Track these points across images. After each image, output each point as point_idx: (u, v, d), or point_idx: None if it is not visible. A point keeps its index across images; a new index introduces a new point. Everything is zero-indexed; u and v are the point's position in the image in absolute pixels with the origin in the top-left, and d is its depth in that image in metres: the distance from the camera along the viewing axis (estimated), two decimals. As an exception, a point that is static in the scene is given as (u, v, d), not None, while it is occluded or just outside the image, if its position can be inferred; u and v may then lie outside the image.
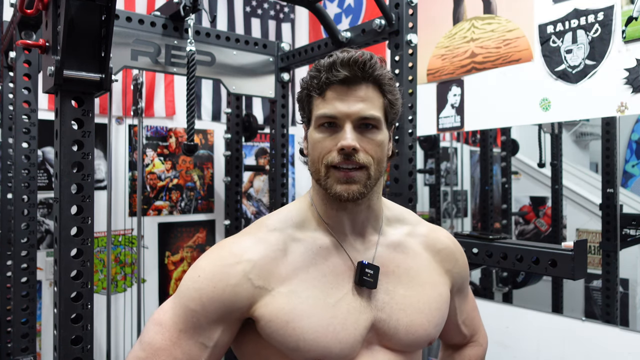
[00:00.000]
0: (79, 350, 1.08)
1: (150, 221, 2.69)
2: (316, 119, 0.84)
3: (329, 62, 0.82)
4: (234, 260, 0.81)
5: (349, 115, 0.81)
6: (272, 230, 0.86)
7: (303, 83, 0.86)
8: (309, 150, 0.87)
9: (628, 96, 1.69)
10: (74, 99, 1.07)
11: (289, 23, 3.25)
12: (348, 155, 0.80)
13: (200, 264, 0.84)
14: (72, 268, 1.08)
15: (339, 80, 0.81)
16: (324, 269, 0.85)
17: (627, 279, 1.75)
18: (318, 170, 0.84)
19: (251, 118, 2.57)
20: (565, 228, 2.01)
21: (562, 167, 2.03)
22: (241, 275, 0.80)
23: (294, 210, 0.90)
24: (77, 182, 1.08)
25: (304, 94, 0.86)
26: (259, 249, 0.83)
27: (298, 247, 0.85)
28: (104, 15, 1.03)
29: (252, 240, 0.85)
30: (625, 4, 1.70)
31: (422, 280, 0.92)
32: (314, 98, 0.85)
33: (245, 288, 0.80)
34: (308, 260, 0.85)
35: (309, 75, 0.85)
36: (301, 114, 0.90)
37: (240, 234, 0.89)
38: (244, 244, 0.85)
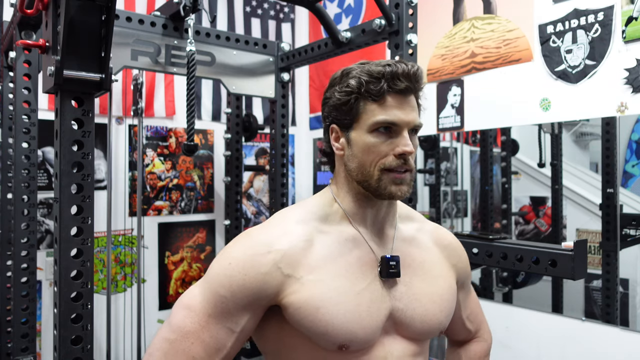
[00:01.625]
0: (79, 350, 1.08)
1: (150, 221, 2.69)
2: (373, 123, 0.87)
3: (390, 71, 0.86)
4: (265, 250, 0.85)
5: (408, 123, 0.87)
6: (298, 223, 0.90)
7: (350, 87, 0.88)
8: (357, 152, 0.89)
9: (628, 96, 1.69)
10: (74, 99, 1.07)
11: (289, 23, 3.25)
12: (405, 160, 0.87)
13: (231, 251, 0.87)
14: (72, 268, 1.08)
15: (399, 90, 0.87)
16: (350, 259, 0.90)
17: (627, 279, 1.75)
18: (369, 173, 0.88)
19: (251, 118, 2.57)
20: (565, 228, 2.01)
21: (562, 167, 2.03)
22: (271, 264, 0.84)
23: (316, 205, 0.94)
24: (77, 182, 1.08)
25: (352, 98, 0.88)
26: (288, 239, 0.87)
27: (325, 238, 0.90)
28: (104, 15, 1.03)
29: (280, 231, 0.89)
30: (625, 4, 1.70)
31: (435, 273, 0.98)
32: (367, 103, 0.88)
33: (275, 277, 0.84)
34: (335, 251, 0.89)
35: (361, 80, 0.87)
36: (337, 115, 0.91)
37: (267, 225, 0.92)
38: (272, 234, 0.88)
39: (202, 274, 2.85)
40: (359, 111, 0.88)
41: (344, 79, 0.90)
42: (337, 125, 0.92)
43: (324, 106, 0.95)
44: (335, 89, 0.91)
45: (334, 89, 0.91)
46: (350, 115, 0.89)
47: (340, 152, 0.93)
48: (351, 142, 0.90)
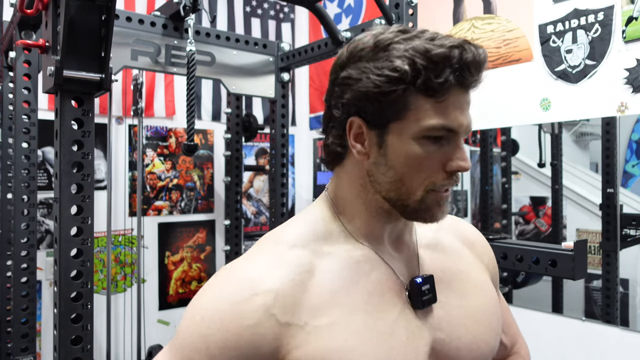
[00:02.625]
0: (78, 350, 1.08)
1: (150, 221, 2.69)
2: (425, 128, 0.62)
3: (460, 57, 0.60)
4: (250, 292, 0.62)
5: (466, 129, 0.66)
6: (292, 247, 0.67)
7: (398, 72, 0.61)
8: (396, 163, 0.65)
9: (628, 96, 1.69)
10: (74, 99, 1.07)
11: (289, 23, 3.25)
12: (457, 178, 0.67)
13: (203, 300, 0.64)
14: (72, 268, 1.08)
15: (466, 85, 0.64)
16: (368, 286, 0.67)
17: (627, 279, 1.75)
18: (410, 192, 0.65)
19: (251, 118, 2.57)
20: (565, 228, 2.01)
21: (562, 167, 2.03)
22: (261, 311, 0.61)
23: (316, 222, 0.71)
24: (77, 182, 1.08)
25: (400, 88, 0.61)
26: (280, 272, 0.63)
27: (330, 263, 0.66)
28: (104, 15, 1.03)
29: (268, 262, 0.65)
30: (626, 4, 1.70)
31: (473, 283, 0.77)
32: (419, 98, 0.62)
33: (269, 327, 0.61)
34: (346, 278, 0.66)
35: (417, 65, 0.60)
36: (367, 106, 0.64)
37: (250, 255, 0.69)
38: (258, 268, 0.65)
39: (202, 274, 2.85)
40: (406, 107, 0.62)
41: (382, 55, 0.62)
42: (364, 119, 0.65)
43: (342, 88, 0.66)
44: (367, 67, 0.63)
45: (364, 67, 0.63)
46: (391, 111, 0.63)
47: (361, 156, 0.67)
48: (386, 146, 0.65)
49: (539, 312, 1.96)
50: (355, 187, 0.70)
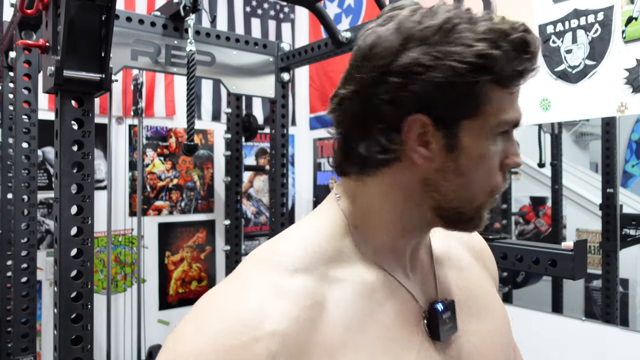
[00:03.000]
0: (79, 350, 1.08)
1: (150, 221, 2.69)
2: (502, 123, 0.54)
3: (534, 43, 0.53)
4: (248, 337, 0.48)
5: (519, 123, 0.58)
6: (295, 272, 0.53)
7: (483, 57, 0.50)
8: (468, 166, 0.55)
9: (628, 96, 1.69)
10: (74, 99, 1.07)
11: (289, 23, 3.25)
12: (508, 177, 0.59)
13: (186, 346, 0.49)
14: (72, 268, 1.08)
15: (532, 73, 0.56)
16: (385, 320, 0.56)
17: (627, 279, 1.75)
18: (473, 198, 0.56)
19: (251, 118, 2.57)
20: (565, 228, 2.01)
21: (562, 167, 2.03)
22: (264, 358, 0.48)
23: (323, 238, 0.57)
24: (77, 182, 1.08)
25: (482, 78, 0.51)
26: (284, 307, 0.50)
27: (341, 293, 0.54)
28: (104, 15, 1.03)
29: (267, 293, 0.51)
30: (625, 4, 1.70)
31: (488, 302, 0.68)
32: (495, 89, 0.53)
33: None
34: (361, 312, 0.55)
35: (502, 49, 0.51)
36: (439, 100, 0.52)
37: (242, 282, 0.54)
38: (255, 302, 0.51)
39: (202, 274, 2.85)
40: (483, 101, 0.52)
41: (454, 37, 0.51)
42: (430, 117, 0.52)
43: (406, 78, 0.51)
44: (439, 50, 0.50)
45: (440, 52, 0.50)
46: (466, 106, 0.53)
47: (426, 162, 0.54)
48: (460, 149, 0.54)
49: (539, 312, 1.96)
50: (392, 199, 0.57)
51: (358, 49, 0.55)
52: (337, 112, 0.57)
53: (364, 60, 0.54)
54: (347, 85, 0.55)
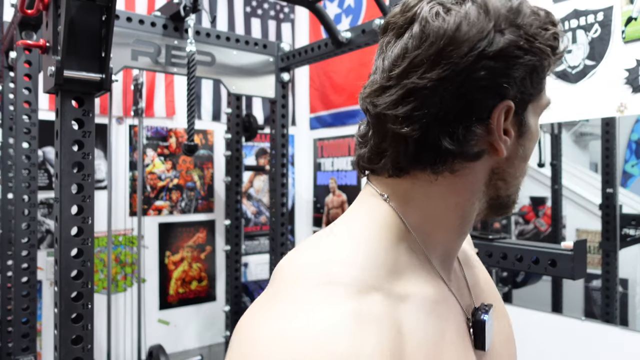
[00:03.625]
0: (79, 350, 1.08)
1: (151, 221, 2.69)
2: (545, 105, 0.54)
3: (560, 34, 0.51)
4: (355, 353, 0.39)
5: None
6: (367, 292, 0.44)
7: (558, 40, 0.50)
8: (530, 147, 0.54)
9: (628, 96, 1.70)
10: (74, 99, 1.07)
11: (289, 23, 3.25)
12: None
13: None
14: (72, 268, 1.08)
15: None
16: (452, 338, 0.51)
17: (626, 278, 1.75)
18: (518, 182, 0.56)
19: (251, 118, 2.58)
20: (564, 228, 2.01)
21: (561, 167, 2.03)
22: None
23: (375, 246, 0.49)
24: (78, 182, 1.08)
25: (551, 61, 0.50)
26: (374, 341, 0.41)
27: (411, 313, 0.47)
28: (104, 15, 1.03)
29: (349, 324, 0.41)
30: (625, 4, 1.70)
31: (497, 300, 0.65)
32: (549, 71, 0.51)
33: None
34: (434, 334, 0.48)
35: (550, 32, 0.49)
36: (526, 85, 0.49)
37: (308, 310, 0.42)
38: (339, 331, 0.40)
39: (202, 274, 2.85)
40: (544, 82, 0.52)
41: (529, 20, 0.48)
42: (516, 103, 0.49)
43: (506, 62, 0.47)
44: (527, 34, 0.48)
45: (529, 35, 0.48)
46: (539, 88, 0.51)
47: (504, 152, 0.50)
48: (527, 132, 0.52)
49: (539, 312, 1.96)
50: (462, 195, 0.52)
51: (433, 32, 0.46)
52: (407, 105, 0.47)
53: (450, 44, 0.46)
54: (425, 73, 0.46)
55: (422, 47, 0.47)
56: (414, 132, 0.48)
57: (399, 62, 0.48)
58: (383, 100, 0.49)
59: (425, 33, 0.47)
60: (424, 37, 0.47)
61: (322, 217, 3.19)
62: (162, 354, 2.32)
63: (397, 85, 0.48)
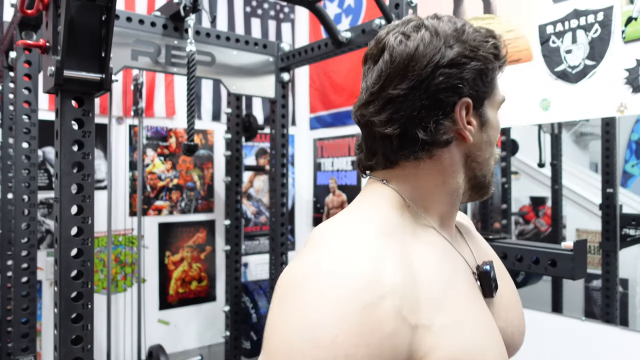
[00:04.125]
0: (79, 350, 1.08)
1: (151, 221, 2.69)
2: (500, 101, 0.70)
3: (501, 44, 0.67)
4: (377, 292, 0.50)
5: None
6: (382, 236, 0.57)
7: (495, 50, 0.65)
8: (493, 136, 0.68)
9: (628, 96, 1.70)
10: (74, 99, 1.07)
11: (289, 23, 3.25)
12: None
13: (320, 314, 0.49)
14: (72, 268, 1.08)
15: None
16: (462, 278, 0.64)
17: (626, 278, 1.75)
18: (490, 165, 0.69)
19: (251, 118, 2.58)
20: (565, 228, 2.01)
21: (561, 167, 2.03)
22: (393, 315, 0.51)
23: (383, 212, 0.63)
24: (78, 182, 1.08)
25: (495, 64, 0.66)
26: (392, 265, 0.54)
27: (422, 255, 0.59)
28: (104, 15, 1.03)
29: (371, 253, 0.54)
30: (625, 4, 1.70)
31: (498, 262, 0.78)
32: (496, 73, 0.67)
33: (403, 333, 0.51)
34: (444, 271, 0.60)
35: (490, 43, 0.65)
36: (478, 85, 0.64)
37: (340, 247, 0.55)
38: (368, 261, 0.53)
39: (202, 274, 2.85)
40: (494, 83, 0.67)
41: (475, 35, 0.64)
42: (473, 99, 0.64)
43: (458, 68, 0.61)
44: (473, 45, 0.63)
45: (473, 46, 0.63)
46: (490, 87, 0.66)
47: (474, 138, 0.65)
48: (487, 122, 0.67)
49: (539, 312, 1.96)
50: (442, 176, 0.65)
51: (399, 54, 0.62)
52: (387, 111, 0.62)
53: (412, 61, 0.61)
54: (397, 85, 0.61)
55: (393, 66, 0.62)
56: (395, 131, 0.62)
57: (377, 81, 0.63)
58: (368, 111, 0.64)
59: (393, 56, 0.62)
60: (392, 59, 0.62)
61: (322, 217, 3.19)
62: (162, 354, 2.31)
63: (378, 98, 0.63)
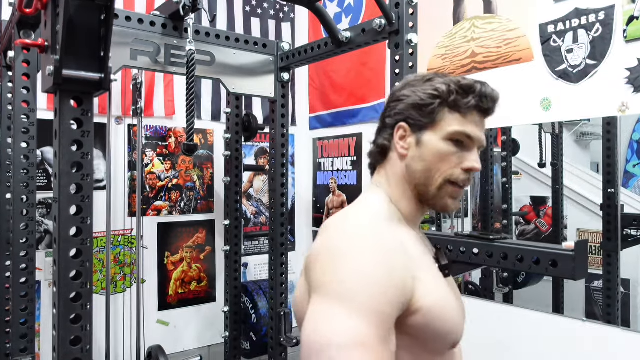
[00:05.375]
0: (78, 351, 1.08)
1: (150, 221, 2.68)
2: (452, 132, 0.87)
3: (480, 90, 0.88)
4: (393, 245, 0.80)
5: (480, 142, 0.90)
6: (383, 220, 0.87)
7: (436, 92, 0.87)
8: (427, 155, 0.88)
9: (629, 96, 1.69)
10: (73, 98, 1.06)
11: (289, 23, 3.24)
12: (469, 177, 0.89)
13: (364, 259, 0.74)
14: (71, 268, 1.08)
15: (483, 110, 0.90)
16: (429, 257, 0.91)
17: (628, 279, 1.74)
18: (433, 180, 0.88)
19: (251, 118, 2.57)
20: (566, 228, 2.01)
21: (562, 167, 2.03)
22: (404, 267, 0.78)
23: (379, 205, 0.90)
24: (77, 182, 1.07)
25: (437, 102, 0.87)
26: (395, 233, 0.84)
27: (407, 236, 0.87)
28: (103, 14, 1.03)
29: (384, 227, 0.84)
30: (627, 4, 1.70)
31: None
32: (450, 111, 0.87)
33: (410, 279, 0.78)
34: (421, 251, 0.88)
35: (451, 88, 0.87)
36: (412, 114, 0.89)
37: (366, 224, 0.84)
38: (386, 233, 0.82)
39: (202, 275, 2.85)
40: (439, 117, 0.88)
41: (427, 83, 0.90)
42: (408, 124, 0.90)
43: (396, 103, 0.92)
44: (416, 89, 0.90)
45: (414, 89, 0.90)
46: (428, 118, 0.88)
47: (403, 152, 0.90)
48: (422, 144, 0.88)
49: (540, 313, 1.96)
50: (399, 178, 0.92)
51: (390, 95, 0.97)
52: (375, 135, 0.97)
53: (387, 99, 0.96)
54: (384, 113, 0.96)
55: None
56: (376, 148, 0.97)
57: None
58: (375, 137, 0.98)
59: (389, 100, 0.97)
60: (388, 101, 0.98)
61: (322, 217, 3.18)
62: (161, 354, 2.31)
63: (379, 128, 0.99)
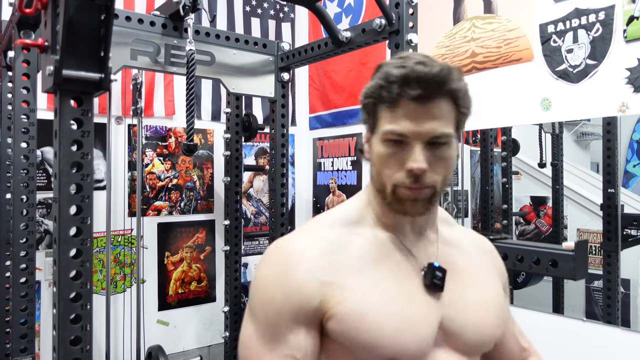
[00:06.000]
0: (78, 351, 1.08)
1: (150, 221, 2.68)
2: (383, 133, 0.78)
3: (402, 73, 0.74)
4: (296, 260, 0.79)
5: (420, 135, 0.75)
6: (331, 226, 0.84)
7: (369, 90, 0.80)
8: (374, 160, 0.82)
9: (629, 96, 1.69)
10: (73, 98, 1.06)
11: (289, 23, 3.24)
12: (417, 177, 0.76)
13: (263, 274, 0.82)
14: (71, 268, 1.08)
15: (412, 98, 0.74)
16: (391, 263, 0.82)
17: (628, 279, 1.74)
18: (384, 185, 0.81)
19: (251, 118, 2.57)
20: (566, 228, 2.01)
21: (562, 167, 2.03)
22: (306, 274, 0.78)
23: (350, 209, 0.88)
24: (77, 182, 1.07)
25: (370, 103, 0.80)
26: (320, 245, 0.81)
27: (359, 240, 0.83)
28: (103, 14, 1.03)
29: (310, 237, 0.83)
30: (627, 4, 1.70)
31: (481, 279, 0.90)
32: (382, 109, 0.78)
33: (314, 286, 0.77)
34: (373, 253, 0.82)
35: (376, 83, 0.78)
36: (364, 117, 0.84)
37: (297, 232, 0.87)
38: (301, 242, 0.82)
39: (201, 275, 2.85)
40: (376, 117, 0.80)
41: (373, 76, 0.81)
42: (367, 126, 0.84)
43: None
44: (365, 86, 0.82)
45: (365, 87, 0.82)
46: (371, 119, 0.81)
47: (367, 156, 0.85)
48: (371, 147, 0.82)
49: (540, 313, 1.96)
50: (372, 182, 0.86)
51: None
52: None
53: None
54: None
55: None
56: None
57: None
58: None
59: None
60: None
61: (322, 217, 3.18)
62: (161, 354, 2.31)
63: None
